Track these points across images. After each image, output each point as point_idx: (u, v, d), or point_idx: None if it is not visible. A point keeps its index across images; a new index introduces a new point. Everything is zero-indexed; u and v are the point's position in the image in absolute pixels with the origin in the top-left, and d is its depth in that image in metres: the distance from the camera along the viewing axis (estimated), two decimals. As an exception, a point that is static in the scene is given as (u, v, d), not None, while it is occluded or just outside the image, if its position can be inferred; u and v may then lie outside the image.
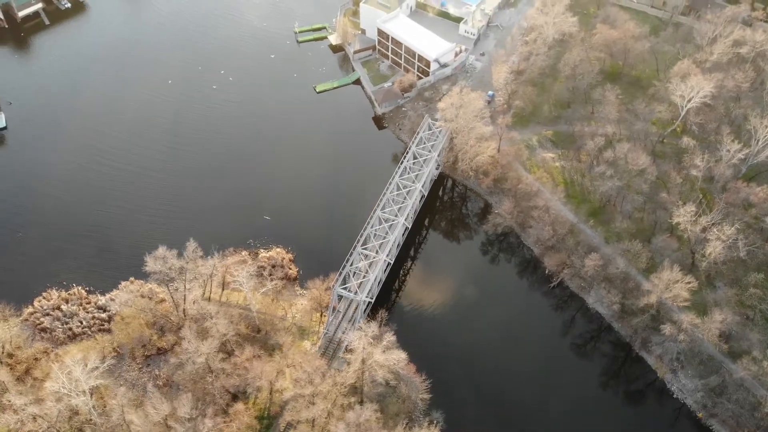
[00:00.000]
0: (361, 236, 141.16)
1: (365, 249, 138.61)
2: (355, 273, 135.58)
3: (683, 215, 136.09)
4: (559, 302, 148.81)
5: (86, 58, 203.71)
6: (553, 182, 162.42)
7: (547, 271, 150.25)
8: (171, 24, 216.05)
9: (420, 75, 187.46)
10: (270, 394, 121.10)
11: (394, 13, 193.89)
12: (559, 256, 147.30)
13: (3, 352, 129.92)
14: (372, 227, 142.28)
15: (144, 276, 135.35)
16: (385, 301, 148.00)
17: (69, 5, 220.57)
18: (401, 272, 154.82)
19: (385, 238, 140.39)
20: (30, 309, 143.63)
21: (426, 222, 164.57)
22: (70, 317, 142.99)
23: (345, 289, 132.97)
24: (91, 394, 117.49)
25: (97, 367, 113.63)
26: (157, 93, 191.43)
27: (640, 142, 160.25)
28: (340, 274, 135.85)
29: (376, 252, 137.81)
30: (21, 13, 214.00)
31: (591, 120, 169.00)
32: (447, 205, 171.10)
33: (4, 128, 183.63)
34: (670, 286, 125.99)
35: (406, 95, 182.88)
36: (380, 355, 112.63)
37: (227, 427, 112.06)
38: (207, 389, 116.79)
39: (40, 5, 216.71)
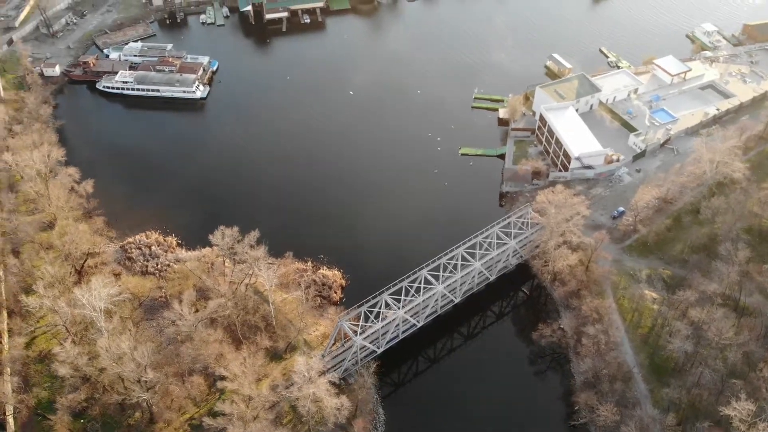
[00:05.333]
0: (394, 284, 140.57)
1: (392, 297, 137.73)
2: (370, 316, 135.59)
3: (736, 410, 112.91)
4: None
5: (295, 67, 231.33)
6: (637, 322, 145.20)
7: (576, 407, 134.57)
8: (374, 62, 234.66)
9: (561, 168, 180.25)
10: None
11: (564, 104, 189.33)
12: (592, 396, 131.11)
13: (86, 259, 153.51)
14: (412, 282, 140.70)
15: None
16: (404, 361, 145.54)
17: (308, 21, 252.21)
18: (438, 344, 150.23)
19: (415, 297, 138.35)
20: (130, 239, 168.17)
21: (490, 307, 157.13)
22: (153, 257, 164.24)
23: (351, 325, 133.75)
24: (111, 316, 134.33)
25: (112, 295, 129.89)
26: (331, 111, 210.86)
27: (757, 318, 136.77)
28: (354, 309, 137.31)
29: (398, 306, 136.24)
30: (268, 16, 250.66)
31: (713, 274, 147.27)
32: (517, 299, 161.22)
33: (204, 98, 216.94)
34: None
35: (534, 182, 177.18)
36: (316, 388, 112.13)
37: (176, 389, 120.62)
38: (178, 351, 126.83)
39: (285, 14, 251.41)
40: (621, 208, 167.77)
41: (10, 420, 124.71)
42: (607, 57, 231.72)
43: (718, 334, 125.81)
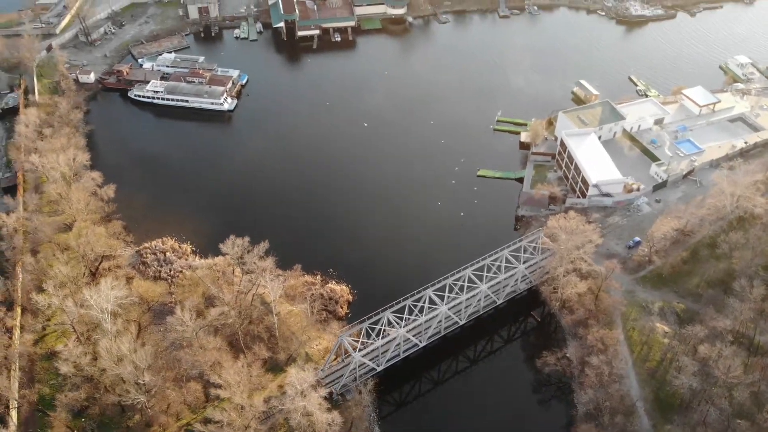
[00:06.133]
0: (397, 303, 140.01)
1: (395, 315, 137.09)
2: (371, 333, 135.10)
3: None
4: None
5: (322, 82, 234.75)
6: (645, 355, 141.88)
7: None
8: (400, 81, 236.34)
9: (579, 195, 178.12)
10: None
11: (586, 130, 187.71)
12: (592, 428, 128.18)
13: (101, 260, 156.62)
14: (416, 301, 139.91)
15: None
16: (406, 381, 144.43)
17: (339, 39, 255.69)
18: (443, 365, 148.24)
19: (418, 317, 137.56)
20: (147, 244, 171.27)
21: (497, 331, 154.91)
22: (167, 263, 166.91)
23: (352, 341, 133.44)
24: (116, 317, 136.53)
25: (119, 297, 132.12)
26: (352, 129, 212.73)
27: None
28: (356, 325, 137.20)
29: (401, 324, 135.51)
30: (300, 33, 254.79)
31: (727, 310, 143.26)
32: (526, 324, 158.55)
33: (232, 111, 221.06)
34: None
35: (551, 207, 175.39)
36: (307, 402, 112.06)
37: (171, 392, 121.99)
38: (178, 356, 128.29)
39: (317, 32, 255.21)
40: (637, 238, 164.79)
41: (13, 414, 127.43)
42: (636, 85, 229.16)
43: (725, 372, 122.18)
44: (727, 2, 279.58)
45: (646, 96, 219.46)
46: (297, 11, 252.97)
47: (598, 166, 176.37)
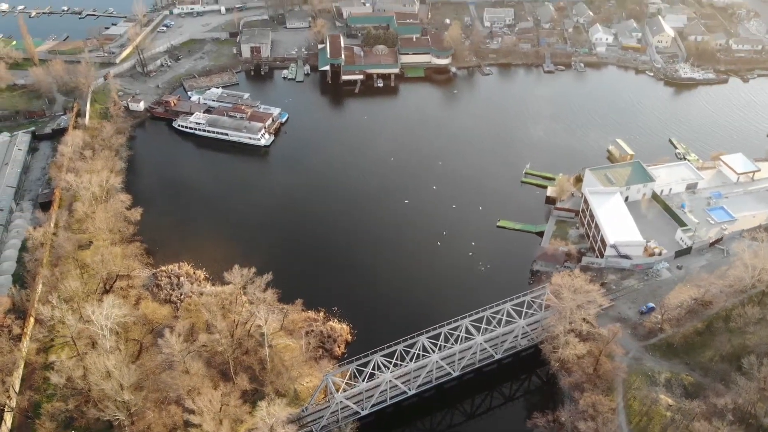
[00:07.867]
0: (388, 346, 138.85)
1: (386, 359, 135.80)
2: (359, 376, 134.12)
3: None
4: None
5: (356, 127, 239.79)
6: (644, 427, 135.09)
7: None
8: (435, 128, 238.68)
9: (598, 254, 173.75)
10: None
11: (611, 189, 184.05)
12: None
13: (115, 279, 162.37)
14: (409, 347, 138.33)
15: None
16: (394, 429, 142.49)
17: (381, 84, 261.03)
18: (437, 416, 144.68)
19: (408, 363, 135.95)
20: (164, 267, 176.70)
21: (496, 386, 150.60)
22: (179, 287, 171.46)
23: (338, 381, 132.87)
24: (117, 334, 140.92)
25: (119, 315, 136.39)
26: (382, 172, 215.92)
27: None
28: (344, 365, 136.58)
29: (389, 368, 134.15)
30: (345, 77, 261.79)
31: (734, 388, 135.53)
32: (529, 382, 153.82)
33: (268, 146, 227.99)
34: None
35: (566, 264, 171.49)
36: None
37: (150, 413, 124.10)
38: (162, 378, 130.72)
39: (361, 77, 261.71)
40: (651, 304, 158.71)
41: (8, 419, 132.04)
42: (676, 148, 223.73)
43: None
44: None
45: (685, 159, 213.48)
46: (343, 56, 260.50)
47: (618, 226, 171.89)
